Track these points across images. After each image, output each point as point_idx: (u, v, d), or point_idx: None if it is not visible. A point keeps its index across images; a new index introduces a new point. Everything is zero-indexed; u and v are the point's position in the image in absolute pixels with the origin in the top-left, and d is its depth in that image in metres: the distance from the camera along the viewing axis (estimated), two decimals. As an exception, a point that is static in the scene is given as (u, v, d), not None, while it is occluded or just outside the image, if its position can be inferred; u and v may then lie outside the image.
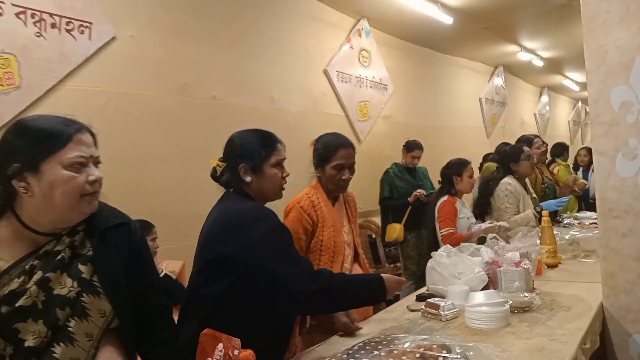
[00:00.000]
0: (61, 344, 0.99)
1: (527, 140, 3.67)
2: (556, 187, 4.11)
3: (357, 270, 2.00)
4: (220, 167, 1.53)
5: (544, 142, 3.76)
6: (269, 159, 1.49)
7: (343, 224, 1.99)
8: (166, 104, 3.12)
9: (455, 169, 3.09)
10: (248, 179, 1.49)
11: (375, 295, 1.51)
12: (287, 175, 1.56)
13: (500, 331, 1.57)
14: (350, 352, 1.29)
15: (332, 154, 1.91)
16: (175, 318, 1.30)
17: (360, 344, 1.33)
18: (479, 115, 7.39)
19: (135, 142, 2.91)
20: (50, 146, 1.01)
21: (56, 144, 1.01)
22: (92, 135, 1.10)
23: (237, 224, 1.40)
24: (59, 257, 1.03)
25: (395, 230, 4.00)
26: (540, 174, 3.82)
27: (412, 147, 4.21)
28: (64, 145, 1.02)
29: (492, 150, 4.92)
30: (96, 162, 1.09)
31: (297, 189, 2.08)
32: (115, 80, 2.86)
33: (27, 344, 0.95)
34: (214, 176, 1.56)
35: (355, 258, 2.03)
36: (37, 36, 2.51)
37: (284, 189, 1.56)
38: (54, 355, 0.97)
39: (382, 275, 1.51)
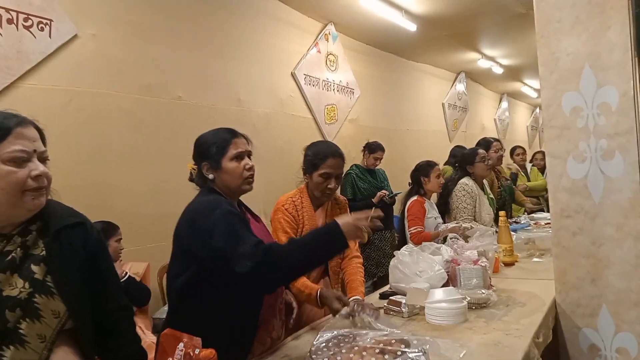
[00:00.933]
0: (11, 347, 0.96)
1: (485, 142, 3.79)
2: (514, 190, 4.27)
3: (323, 285, 1.99)
4: (194, 170, 1.59)
5: (502, 146, 3.91)
6: (226, 153, 1.52)
7: None
8: (130, 103, 3.06)
9: (423, 170, 3.26)
10: (211, 176, 1.54)
11: (332, 243, 1.35)
12: (251, 166, 1.56)
13: (458, 327, 1.62)
14: (312, 349, 1.31)
15: (321, 162, 1.94)
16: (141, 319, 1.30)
17: (323, 342, 1.35)
18: (442, 120, 7.58)
19: (98, 142, 2.85)
20: None
21: None
22: (38, 129, 1.07)
23: (193, 217, 1.44)
24: (9, 257, 1.00)
25: None
26: (497, 177, 3.94)
27: (374, 148, 4.25)
28: (3, 139, 0.99)
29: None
30: (42, 157, 1.06)
31: (274, 189, 2.10)
32: (77, 79, 2.79)
33: None
34: (191, 179, 1.60)
35: (324, 272, 2.03)
36: (-7, 32, 2.42)
37: (250, 179, 1.56)
38: (4, 358, 0.95)
39: (340, 220, 1.36)
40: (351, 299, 1.83)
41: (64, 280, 1.06)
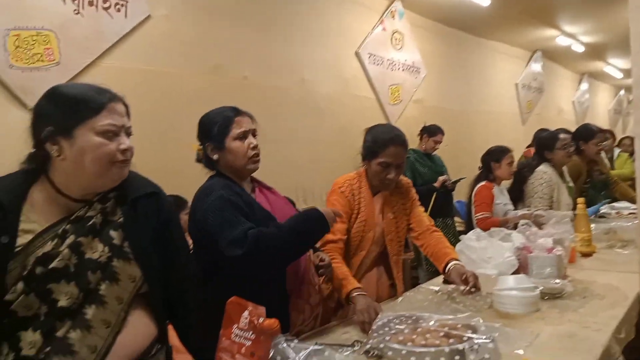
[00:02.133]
0: (92, 306, 1.02)
1: (587, 131, 3.29)
2: (610, 184, 3.60)
3: (376, 274, 1.89)
4: (200, 150, 1.57)
5: (611, 136, 3.40)
6: (228, 133, 1.49)
7: (380, 219, 1.87)
8: (198, 83, 3.14)
9: (494, 155, 3.10)
10: (215, 156, 1.52)
11: (315, 227, 1.42)
12: (255, 145, 1.53)
13: (529, 316, 1.53)
14: (373, 327, 1.29)
15: (380, 150, 1.77)
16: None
17: (385, 321, 1.32)
18: (514, 102, 7.17)
19: (168, 120, 2.96)
20: (83, 113, 1.03)
21: (90, 111, 1.03)
22: (125, 105, 1.12)
23: (193, 205, 1.49)
24: (91, 222, 1.06)
25: None
26: (589, 170, 3.39)
27: (434, 131, 4.06)
28: (97, 113, 1.04)
29: (527, 137, 4.77)
30: (128, 132, 1.10)
31: (335, 170, 2.06)
32: (149, 59, 2.90)
33: (60, 304, 0.99)
34: (198, 160, 1.59)
35: (383, 259, 1.90)
36: (75, 13, 2.56)
37: (256, 159, 1.53)
38: (86, 316, 1.01)
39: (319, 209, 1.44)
40: (451, 263, 1.75)
41: (139, 246, 1.10)
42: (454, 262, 1.79)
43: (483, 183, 3.07)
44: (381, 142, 1.78)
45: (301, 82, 3.86)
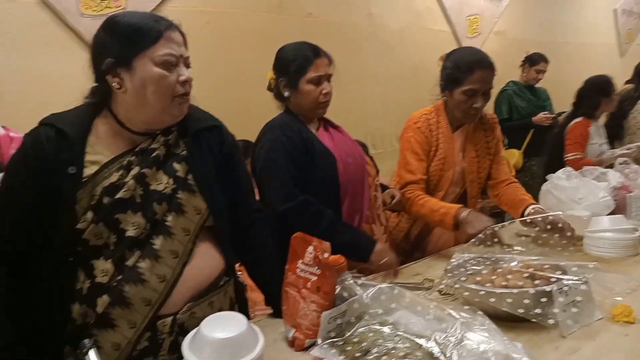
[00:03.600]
0: (160, 236, 1.02)
1: None
2: None
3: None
4: (273, 80, 1.54)
5: None
6: (305, 74, 1.45)
7: (460, 157, 1.72)
8: (262, 22, 3.06)
9: (603, 88, 2.75)
10: (286, 93, 1.49)
11: (354, 246, 1.38)
12: (328, 92, 1.49)
13: (626, 260, 1.37)
14: (448, 267, 1.20)
15: (465, 75, 1.58)
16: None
17: (460, 261, 1.23)
18: (611, 31, 6.35)
19: (232, 61, 2.92)
20: (141, 42, 0.99)
21: (147, 40, 0.99)
22: (182, 34, 1.07)
23: (257, 140, 1.52)
24: (154, 154, 1.05)
25: (514, 156, 3.57)
26: None
27: (536, 59, 3.68)
28: (155, 42, 1.00)
29: (626, 72, 4.21)
30: (186, 63, 1.06)
31: (406, 110, 1.92)
32: (212, 0, 2.84)
33: (128, 234, 1.00)
34: (269, 89, 1.57)
35: (462, 202, 1.73)
36: (140, -45, 2.53)
37: (325, 105, 1.51)
38: (154, 246, 1.01)
39: (379, 245, 1.39)
40: (530, 207, 1.60)
41: (202, 179, 1.09)
42: (534, 205, 1.63)
43: (579, 120, 2.78)
44: (465, 66, 1.59)
45: (369, 16, 3.64)
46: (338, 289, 1.04)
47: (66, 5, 2.34)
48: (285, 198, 1.38)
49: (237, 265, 1.26)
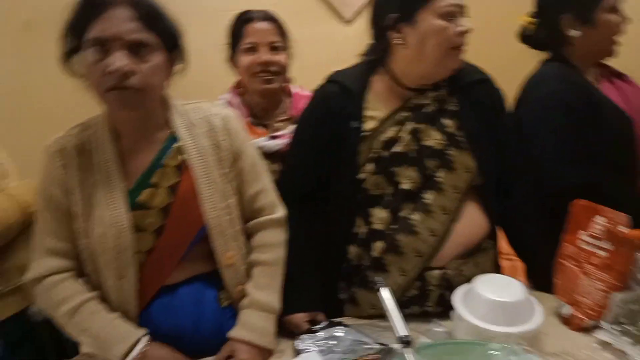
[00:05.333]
0: (431, 191, 1.03)
1: None
2: None
3: None
4: (532, 24, 1.27)
5: None
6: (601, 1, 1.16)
7: None
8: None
9: None
10: (573, 33, 1.19)
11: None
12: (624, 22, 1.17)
13: None
14: None
15: None
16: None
17: None
18: None
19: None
20: None
21: None
22: None
23: (519, 97, 1.25)
24: (426, 110, 1.05)
25: None
26: None
27: None
28: None
29: None
30: (465, 12, 1.02)
31: None
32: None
33: (402, 186, 1.03)
34: (524, 36, 1.30)
35: None
36: None
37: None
38: (425, 201, 1.03)
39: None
40: None
41: (472, 135, 1.06)
42: None
43: None
44: None
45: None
46: (637, 270, 0.90)
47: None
48: (571, 164, 1.15)
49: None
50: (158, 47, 0.87)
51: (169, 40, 0.89)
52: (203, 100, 1.03)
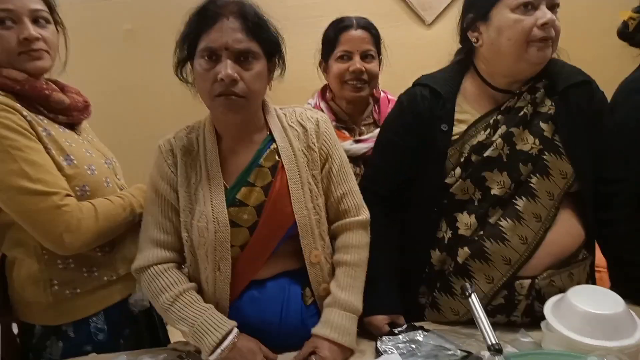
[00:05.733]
0: (523, 198, 1.00)
1: None
2: None
3: None
4: (634, 20, 1.16)
5: None
6: None
7: None
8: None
9: None
10: None
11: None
12: None
13: None
14: None
15: None
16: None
17: None
18: None
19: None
20: None
21: None
22: None
23: (612, 100, 1.14)
24: (521, 113, 1.02)
25: None
26: None
27: None
28: None
29: None
30: (550, 4, 0.97)
31: None
32: None
33: (492, 192, 1.01)
34: (623, 33, 1.20)
35: None
36: None
37: None
38: (517, 207, 1.00)
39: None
40: None
41: (570, 140, 1.02)
42: None
43: None
44: None
45: None
46: None
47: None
48: None
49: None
50: (261, 55, 0.92)
51: (270, 49, 0.94)
52: (297, 105, 1.08)
